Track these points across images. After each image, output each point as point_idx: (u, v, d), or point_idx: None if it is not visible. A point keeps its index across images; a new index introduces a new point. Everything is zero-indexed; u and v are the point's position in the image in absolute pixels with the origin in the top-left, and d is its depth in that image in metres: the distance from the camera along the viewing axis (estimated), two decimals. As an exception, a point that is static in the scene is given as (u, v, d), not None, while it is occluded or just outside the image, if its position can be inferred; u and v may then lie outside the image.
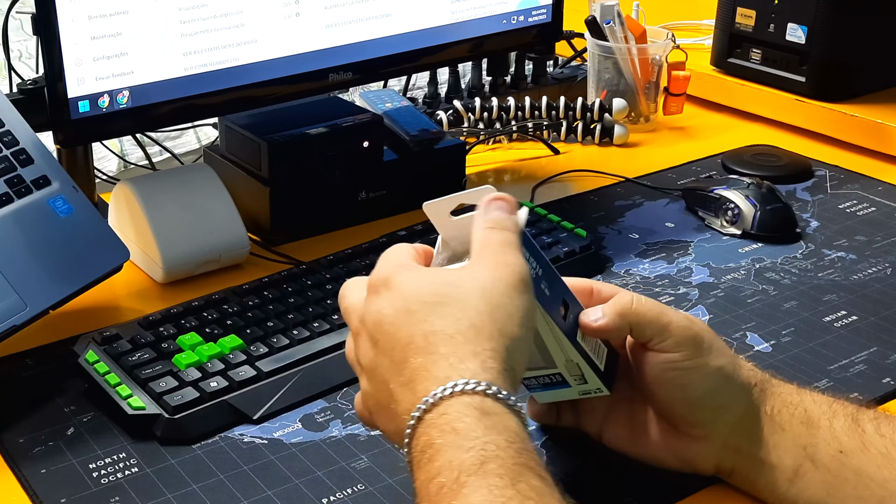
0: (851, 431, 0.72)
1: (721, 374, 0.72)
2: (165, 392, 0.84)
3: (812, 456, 0.72)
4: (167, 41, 1.01)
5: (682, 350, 0.71)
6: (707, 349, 0.72)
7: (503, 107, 1.38)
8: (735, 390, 0.73)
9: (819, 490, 0.72)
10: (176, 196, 1.05)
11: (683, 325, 0.72)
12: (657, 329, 0.71)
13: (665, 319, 0.71)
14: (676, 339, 0.71)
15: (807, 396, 0.75)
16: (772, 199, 1.14)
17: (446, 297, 0.64)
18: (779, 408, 0.74)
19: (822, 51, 1.38)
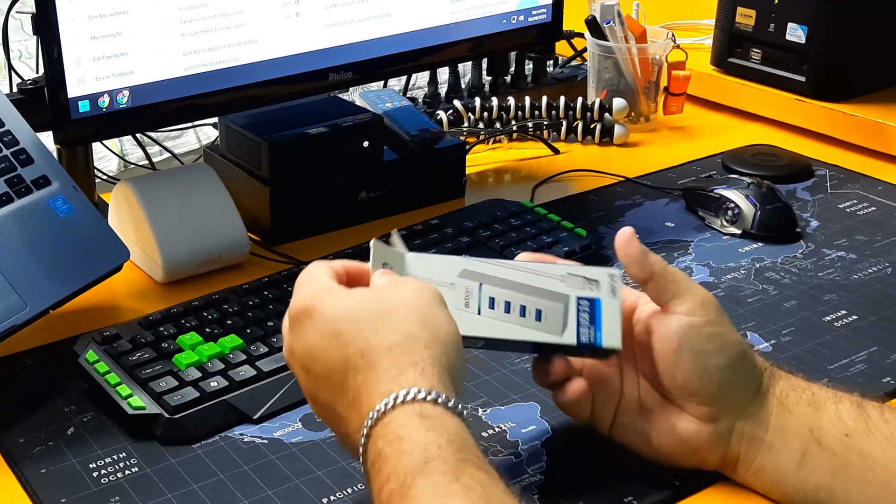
0: (856, 416, 0.72)
1: (739, 348, 0.73)
2: (165, 392, 0.84)
3: (818, 438, 0.72)
4: (167, 41, 1.01)
5: (703, 314, 0.72)
6: (727, 321, 0.73)
7: (503, 107, 1.38)
8: (750, 369, 0.74)
9: (825, 473, 0.72)
10: (176, 196, 1.05)
11: (703, 291, 0.73)
12: (679, 289, 0.72)
13: (687, 283, 0.73)
14: (697, 302, 0.72)
15: (813, 384, 0.75)
16: (772, 199, 1.14)
17: (375, 311, 0.66)
18: (787, 391, 0.74)
19: (822, 51, 1.38)
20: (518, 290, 0.74)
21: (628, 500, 0.76)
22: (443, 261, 0.75)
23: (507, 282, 0.74)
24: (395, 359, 0.64)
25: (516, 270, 0.75)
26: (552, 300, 0.74)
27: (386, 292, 0.68)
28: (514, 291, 0.74)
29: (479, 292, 0.73)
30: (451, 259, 0.75)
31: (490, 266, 0.74)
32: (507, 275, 0.74)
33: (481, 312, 0.73)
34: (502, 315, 0.73)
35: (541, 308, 0.74)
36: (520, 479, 0.78)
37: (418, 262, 0.74)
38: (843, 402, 0.74)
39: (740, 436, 0.74)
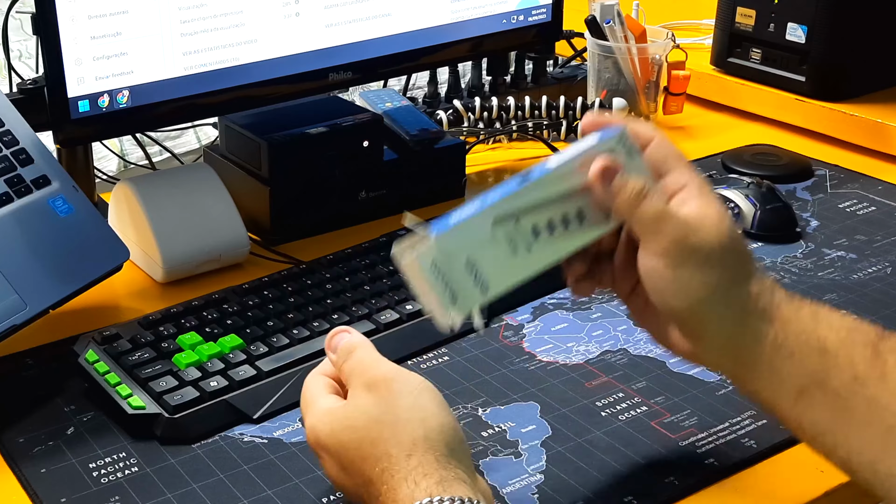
0: (871, 362, 0.70)
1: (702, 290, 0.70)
2: (165, 391, 0.84)
3: (822, 381, 0.70)
4: (167, 41, 1.01)
5: (664, 257, 0.70)
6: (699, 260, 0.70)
7: (503, 106, 1.38)
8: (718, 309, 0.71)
9: (824, 413, 0.70)
10: (176, 196, 1.05)
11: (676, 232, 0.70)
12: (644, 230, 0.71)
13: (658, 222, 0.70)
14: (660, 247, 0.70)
15: (822, 323, 0.71)
16: (772, 199, 1.14)
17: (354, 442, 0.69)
18: (785, 335, 0.71)
19: (821, 50, 1.38)
20: (551, 205, 0.72)
21: (628, 499, 0.76)
22: (473, 221, 0.71)
23: (537, 204, 0.72)
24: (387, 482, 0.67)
25: (537, 185, 0.72)
26: (584, 196, 0.72)
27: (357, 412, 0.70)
28: (548, 209, 0.72)
29: (519, 229, 0.71)
30: (479, 214, 0.71)
31: (515, 200, 0.71)
32: (533, 197, 0.72)
33: (532, 248, 0.72)
34: (549, 238, 0.72)
35: (580, 208, 0.72)
36: (519, 479, 0.78)
37: (451, 235, 0.71)
38: (857, 346, 0.70)
39: (727, 360, 0.73)
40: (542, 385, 0.89)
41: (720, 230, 0.71)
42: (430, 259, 0.70)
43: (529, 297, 1.01)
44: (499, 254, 0.71)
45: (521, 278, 0.72)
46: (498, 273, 0.71)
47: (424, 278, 0.69)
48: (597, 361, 0.92)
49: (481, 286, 0.71)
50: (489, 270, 0.71)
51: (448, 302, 0.70)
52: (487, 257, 0.71)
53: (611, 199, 0.71)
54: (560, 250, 0.73)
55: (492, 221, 0.71)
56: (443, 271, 0.70)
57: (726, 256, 0.71)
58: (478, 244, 0.71)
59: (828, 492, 0.79)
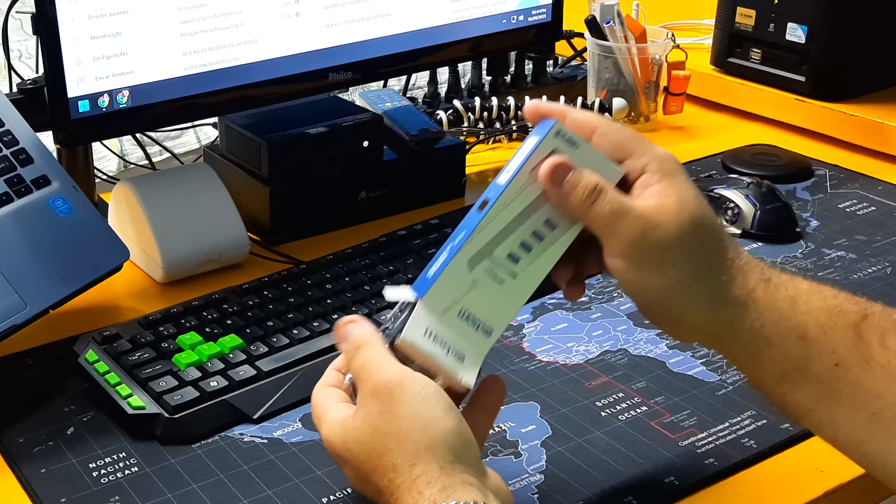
0: (853, 346, 0.68)
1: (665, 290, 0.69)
2: (165, 391, 0.84)
3: (803, 368, 0.69)
4: (167, 41, 1.01)
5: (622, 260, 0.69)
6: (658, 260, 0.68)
7: (503, 106, 1.38)
8: (687, 303, 0.69)
9: (807, 397, 0.69)
10: (176, 196, 1.05)
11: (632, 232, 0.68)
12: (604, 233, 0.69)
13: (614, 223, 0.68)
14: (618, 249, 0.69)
15: (801, 307, 0.70)
16: (772, 199, 1.14)
17: (363, 454, 0.68)
18: (762, 322, 0.69)
19: (821, 51, 1.38)
20: (517, 226, 0.71)
21: (628, 499, 0.76)
22: (447, 274, 0.70)
23: (502, 230, 0.71)
24: (392, 493, 0.66)
25: (496, 212, 0.70)
26: (545, 204, 0.71)
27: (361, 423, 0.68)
28: (516, 231, 0.71)
29: (495, 263, 0.71)
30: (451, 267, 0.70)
31: (479, 235, 0.70)
32: (495, 226, 0.71)
33: (517, 276, 0.71)
34: (528, 258, 0.71)
35: (547, 218, 0.71)
36: (519, 479, 0.78)
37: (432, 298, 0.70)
38: (838, 330, 0.69)
39: (712, 341, 0.72)
40: (542, 385, 0.89)
41: (680, 221, 0.68)
42: (423, 328, 0.69)
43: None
44: (487, 293, 0.70)
45: (518, 306, 0.71)
46: (494, 311, 0.71)
47: (426, 353, 0.69)
48: (597, 361, 0.92)
49: (483, 331, 0.70)
50: (485, 312, 0.70)
51: (456, 365, 0.70)
52: (477, 300, 0.70)
53: (564, 202, 0.69)
54: (544, 266, 0.71)
55: (467, 265, 0.70)
56: (441, 335, 0.69)
57: (688, 249, 0.69)
58: (463, 291, 0.70)
59: (828, 492, 0.79)
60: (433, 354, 0.69)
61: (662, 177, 0.70)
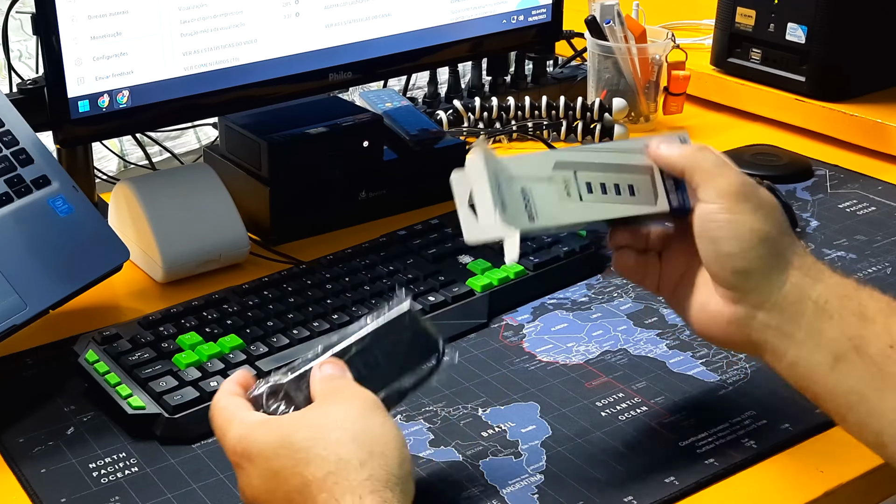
0: None
1: (754, 235, 0.74)
2: (165, 392, 0.84)
3: (859, 347, 0.71)
4: (167, 41, 1.01)
5: (719, 202, 0.74)
6: (751, 209, 0.74)
7: (503, 106, 1.38)
8: (768, 259, 0.74)
9: (860, 381, 0.71)
10: (176, 196, 1.05)
11: (731, 180, 0.75)
12: (704, 178, 0.75)
13: (716, 172, 0.76)
14: (717, 191, 0.74)
15: (864, 292, 0.74)
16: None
17: (305, 440, 0.65)
18: (827, 297, 0.73)
19: (821, 51, 1.38)
20: (609, 170, 0.78)
21: (628, 499, 0.76)
22: (536, 158, 0.78)
23: (597, 164, 0.78)
24: (330, 490, 0.63)
25: (602, 152, 0.79)
26: (641, 174, 0.79)
27: (313, 414, 0.67)
28: (606, 172, 0.78)
29: (576, 180, 0.77)
30: (543, 154, 0.79)
31: (579, 154, 0.78)
32: (595, 158, 0.78)
33: (583, 198, 0.77)
34: (600, 196, 0.78)
35: (632, 183, 0.79)
36: (519, 479, 0.78)
37: (514, 162, 0.76)
38: (895, 315, 0.72)
39: (765, 325, 0.74)
40: (542, 385, 0.89)
41: (768, 194, 0.76)
42: (493, 166, 0.74)
43: (529, 297, 1.01)
44: (552, 192, 0.76)
45: (568, 223, 0.77)
46: (548, 208, 0.76)
47: (485, 176, 0.74)
48: (597, 361, 0.92)
49: (529, 214, 0.75)
50: (540, 203, 0.75)
51: (499, 206, 0.74)
52: (541, 192, 0.76)
53: (673, 155, 0.78)
54: (608, 211, 0.78)
55: (553, 164, 0.77)
56: (500, 183, 0.74)
57: (776, 212, 0.75)
58: (535, 178, 0.76)
59: (828, 492, 0.79)
60: (489, 182, 0.74)
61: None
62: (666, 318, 0.98)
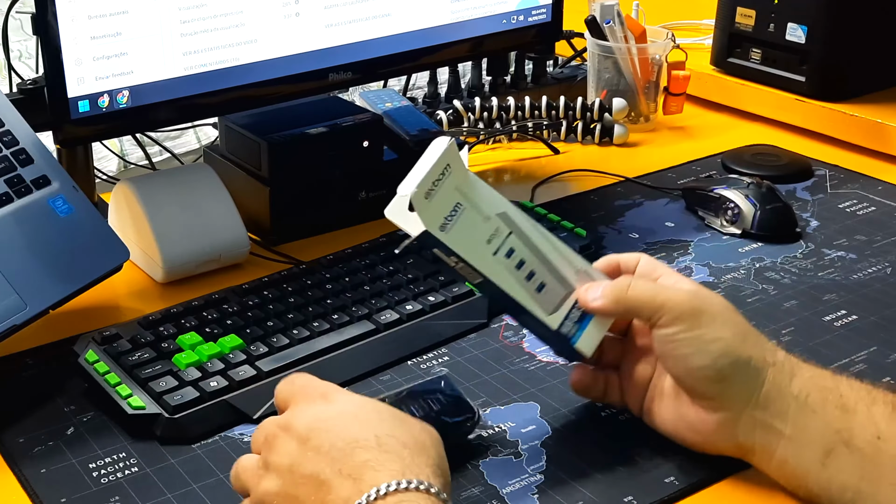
0: (891, 418, 0.71)
1: (721, 344, 0.73)
2: (165, 392, 0.84)
3: (847, 440, 0.71)
4: (167, 41, 1.01)
5: (677, 324, 0.74)
6: (708, 321, 0.74)
7: (503, 106, 1.38)
8: (741, 363, 0.73)
9: (853, 475, 0.71)
10: (176, 196, 1.05)
11: (679, 299, 0.74)
12: (652, 310, 0.75)
13: (659, 300, 0.75)
14: (672, 314, 0.74)
15: (843, 382, 0.74)
16: (772, 199, 1.14)
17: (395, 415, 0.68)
18: (808, 390, 0.73)
19: (821, 51, 1.38)
20: (538, 256, 0.78)
21: (628, 499, 0.76)
22: (491, 195, 0.78)
23: (534, 244, 0.78)
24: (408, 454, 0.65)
25: (545, 240, 0.78)
26: (560, 283, 0.78)
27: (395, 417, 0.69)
28: (534, 255, 0.77)
29: (506, 239, 0.77)
30: (499, 197, 0.78)
31: (527, 223, 0.78)
32: (537, 239, 0.78)
33: (496, 255, 0.76)
34: (512, 268, 0.77)
35: (546, 283, 0.78)
36: (519, 479, 0.78)
37: (472, 180, 0.77)
38: (877, 404, 0.72)
39: (751, 426, 0.74)
40: (542, 385, 0.89)
41: (719, 298, 0.76)
42: (453, 161, 0.75)
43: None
44: (478, 229, 0.76)
45: (468, 261, 0.76)
46: (463, 236, 0.75)
47: (436, 159, 0.75)
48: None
49: (443, 224, 0.75)
50: (460, 226, 0.75)
51: (423, 187, 0.74)
52: (470, 221, 0.76)
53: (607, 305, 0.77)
54: (507, 285, 0.77)
55: (500, 211, 0.77)
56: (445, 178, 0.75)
57: (733, 316, 0.75)
58: (476, 207, 0.76)
59: (828, 492, 0.79)
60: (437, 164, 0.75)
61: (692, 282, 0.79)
62: (666, 318, 0.98)
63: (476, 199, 0.76)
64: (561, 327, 0.78)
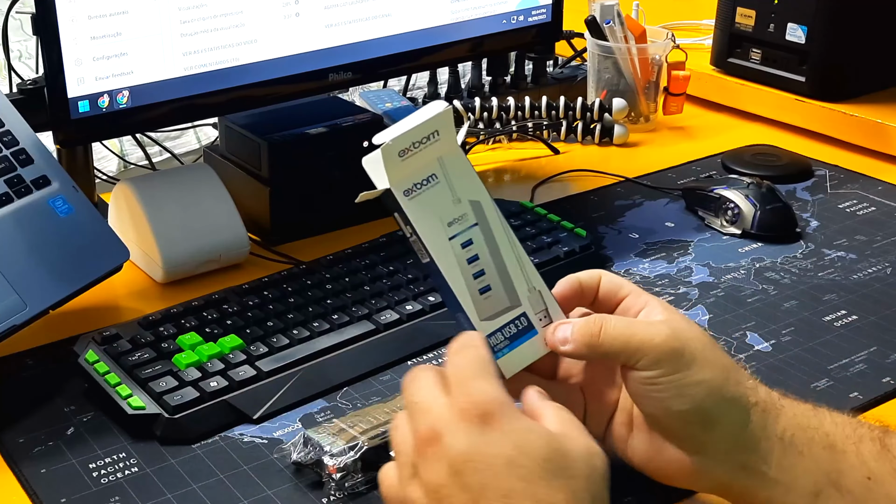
0: (881, 457, 0.69)
1: (703, 387, 0.69)
2: (165, 392, 0.84)
3: (836, 482, 0.68)
4: (167, 41, 1.01)
5: (656, 368, 0.68)
6: (688, 363, 0.68)
7: (503, 107, 1.38)
8: (724, 405, 0.69)
9: None
10: (176, 196, 1.05)
11: (657, 342, 0.68)
12: (628, 355, 0.69)
13: (635, 343, 0.68)
14: (650, 358, 0.68)
15: (826, 418, 0.71)
16: (772, 199, 1.14)
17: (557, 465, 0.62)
18: (793, 430, 0.70)
19: (821, 51, 1.38)
20: (494, 259, 0.72)
21: (628, 500, 0.76)
22: (475, 181, 0.72)
23: (494, 244, 0.72)
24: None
25: (510, 247, 0.73)
26: (507, 293, 0.72)
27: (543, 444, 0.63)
28: (490, 257, 0.72)
29: (468, 229, 0.71)
30: (481, 187, 0.72)
31: (497, 222, 0.72)
32: (500, 240, 0.72)
33: (452, 241, 0.71)
34: (463, 260, 0.71)
35: (492, 288, 0.72)
36: (520, 479, 0.78)
37: (460, 159, 0.72)
38: (864, 441, 0.69)
39: (733, 469, 0.70)
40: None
41: (692, 328, 0.70)
42: (442, 123, 0.70)
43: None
44: (443, 208, 0.71)
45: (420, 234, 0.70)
46: (425, 209, 0.70)
47: (423, 120, 0.70)
48: (597, 361, 0.92)
49: (410, 189, 0.71)
50: (425, 198, 0.71)
51: (401, 145, 0.70)
52: (437, 196, 0.71)
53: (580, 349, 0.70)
54: (451, 274, 0.71)
55: (473, 200, 0.72)
56: (427, 142, 0.70)
57: (713, 353, 0.70)
58: (450, 185, 0.71)
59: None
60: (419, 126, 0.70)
61: (664, 308, 0.71)
62: (666, 318, 0.98)
63: (454, 178, 0.71)
64: (490, 338, 0.71)
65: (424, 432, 0.63)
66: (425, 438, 0.63)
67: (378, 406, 0.82)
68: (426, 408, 0.64)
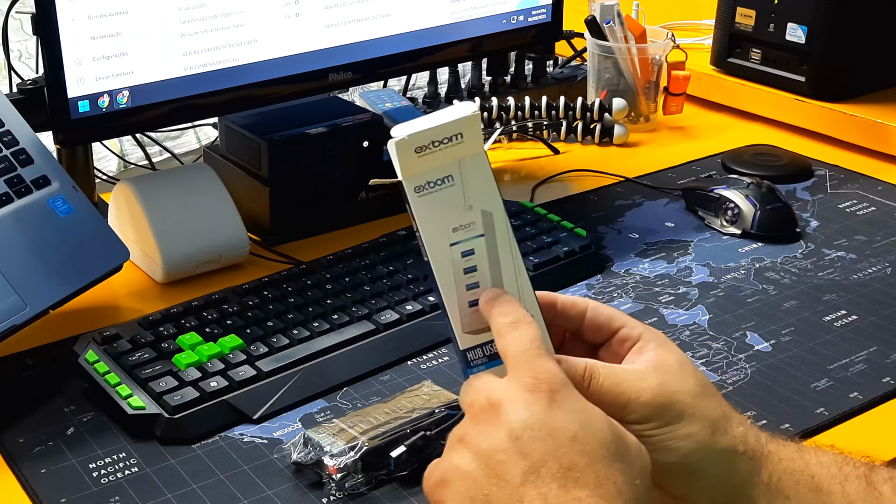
0: (867, 495, 0.68)
1: (691, 441, 0.67)
2: (165, 392, 0.84)
3: None
4: (167, 41, 1.01)
5: (644, 423, 0.67)
6: (677, 416, 0.67)
7: (503, 107, 1.38)
8: (711, 458, 0.68)
9: None
10: (176, 196, 1.05)
11: (645, 399, 0.66)
12: (615, 410, 0.66)
13: (623, 399, 0.66)
14: (639, 414, 0.67)
15: (812, 459, 0.70)
16: (772, 199, 1.14)
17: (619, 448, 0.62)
18: (779, 475, 0.69)
19: (821, 51, 1.38)
20: (492, 274, 0.69)
21: (628, 500, 0.76)
22: (492, 191, 0.69)
23: (496, 260, 0.70)
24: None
25: (512, 266, 0.70)
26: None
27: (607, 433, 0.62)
28: (488, 272, 0.69)
29: (473, 238, 0.69)
30: (497, 199, 0.69)
31: (505, 238, 0.69)
32: (503, 257, 0.70)
33: (454, 247, 0.69)
34: (459, 268, 0.69)
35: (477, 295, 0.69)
36: (520, 479, 0.78)
37: (481, 166, 0.69)
38: (850, 480, 0.69)
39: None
40: (542, 385, 0.88)
41: (688, 379, 0.68)
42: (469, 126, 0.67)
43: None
44: (453, 210, 0.68)
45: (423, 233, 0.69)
46: (434, 209, 0.69)
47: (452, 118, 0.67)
48: (597, 361, 0.92)
49: (423, 186, 0.68)
50: (437, 198, 0.68)
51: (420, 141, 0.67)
52: (449, 198, 0.68)
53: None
54: (445, 281, 0.69)
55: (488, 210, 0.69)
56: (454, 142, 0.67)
57: (702, 402, 0.68)
58: (467, 189, 0.68)
59: (828, 492, 0.78)
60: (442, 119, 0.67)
61: (658, 344, 0.69)
62: (666, 318, 0.98)
63: (470, 183, 0.69)
64: (468, 352, 0.69)
65: (481, 404, 0.62)
66: (481, 408, 0.62)
67: (378, 406, 0.82)
68: (483, 386, 0.63)
